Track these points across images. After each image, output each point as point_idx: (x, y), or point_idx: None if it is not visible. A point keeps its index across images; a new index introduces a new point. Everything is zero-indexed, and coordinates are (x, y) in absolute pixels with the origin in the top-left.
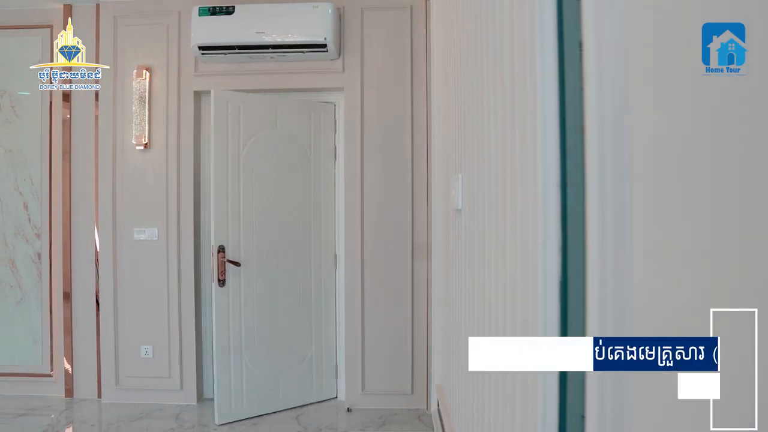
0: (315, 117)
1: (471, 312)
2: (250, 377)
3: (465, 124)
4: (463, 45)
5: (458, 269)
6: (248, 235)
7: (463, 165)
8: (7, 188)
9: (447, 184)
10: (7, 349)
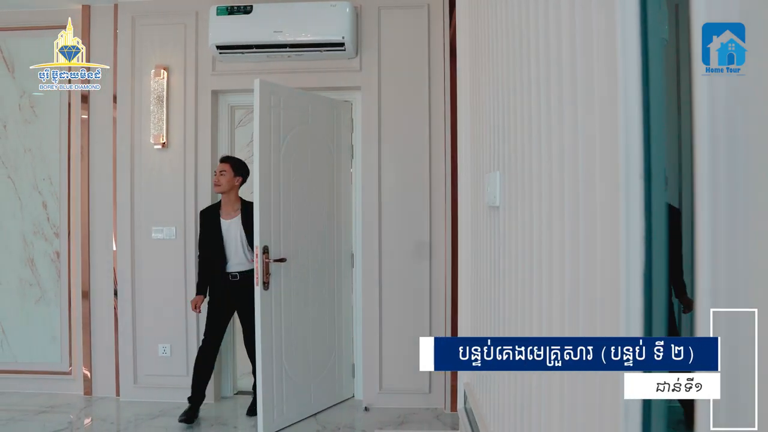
0: (336, 115)
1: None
2: (290, 384)
3: (506, 122)
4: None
5: (493, 265)
6: (287, 234)
7: (501, 162)
8: (27, 187)
9: (477, 182)
10: (27, 347)
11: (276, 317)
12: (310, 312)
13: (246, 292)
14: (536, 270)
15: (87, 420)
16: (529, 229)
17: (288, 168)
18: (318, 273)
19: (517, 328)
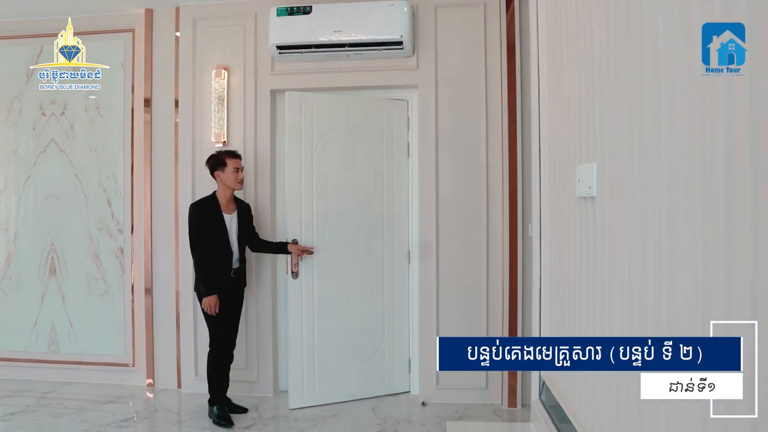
0: (387, 114)
1: (620, 304)
2: (322, 365)
3: (608, 116)
4: (604, 36)
5: (586, 259)
6: (321, 229)
7: (599, 154)
8: (92, 186)
9: (560, 174)
10: (93, 339)
11: (307, 304)
12: (352, 303)
13: (241, 288)
14: (651, 263)
15: (151, 410)
16: (642, 222)
17: (323, 168)
18: (364, 267)
19: (624, 325)
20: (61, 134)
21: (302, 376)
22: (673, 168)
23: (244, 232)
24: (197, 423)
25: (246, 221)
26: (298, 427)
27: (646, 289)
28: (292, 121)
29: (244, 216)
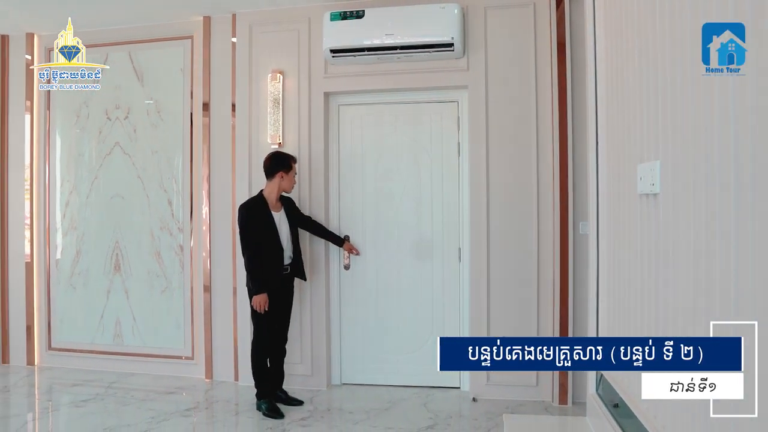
0: (437, 115)
1: (685, 302)
2: (372, 348)
3: (671, 114)
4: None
5: (649, 257)
6: (372, 225)
7: (662, 151)
8: (154, 186)
9: (620, 172)
10: (154, 333)
11: (358, 294)
12: (400, 297)
13: (292, 285)
14: (718, 261)
15: (210, 401)
16: (707, 218)
17: (376, 168)
18: (414, 263)
19: (688, 326)
20: (125, 137)
21: (354, 354)
22: (740, 165)
23: (296, 224)
24: (254, 414)
25: (294, 215)
26: (352, 419)
27: (712, 289)
28: (347, 130)
29: (291, 211)
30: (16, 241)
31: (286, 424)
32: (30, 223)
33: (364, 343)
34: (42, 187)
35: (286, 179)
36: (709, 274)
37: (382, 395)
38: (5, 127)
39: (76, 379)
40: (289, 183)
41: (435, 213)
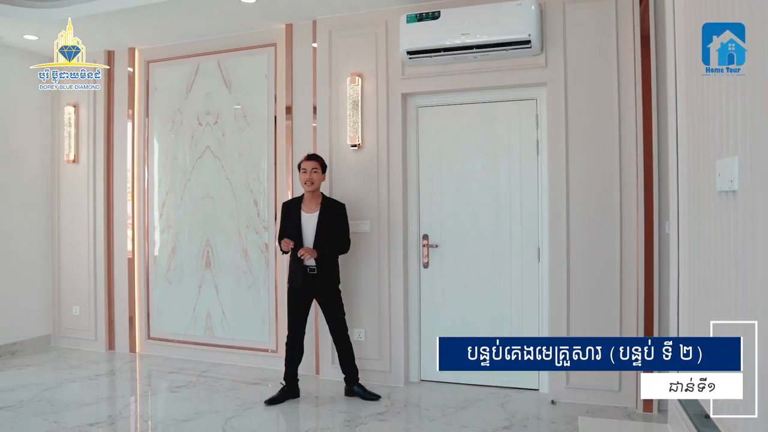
0: (515, 114)
1: (765, 301)
2: None
3: (751, 108)
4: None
5: (728, 253)
6: (450, 224)
7: (740, 147)
8: (241, 187)
9: (699, 169)
10: (241, 326)
11: (436, 291)
12: (479, 295)
13: (326, 287)
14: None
15: None
16: None
17: (452, 168)
18: (491, 262)
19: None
20: (215, 141)
21: (432, 352)
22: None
23: (327, 231)
24: (333, 406)
25: (330, 221)
26: (429, 416)
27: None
28: (425, 131)
29: (328, 216)
30: (119, 239)
31: (363, 418)
32: (131, 222)
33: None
34: (142, 189)
35: (299, 177)
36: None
37: (459, 394)
38: (111, 133)
39: (171, 366)
40: (299, 180)
41: (513, 212)
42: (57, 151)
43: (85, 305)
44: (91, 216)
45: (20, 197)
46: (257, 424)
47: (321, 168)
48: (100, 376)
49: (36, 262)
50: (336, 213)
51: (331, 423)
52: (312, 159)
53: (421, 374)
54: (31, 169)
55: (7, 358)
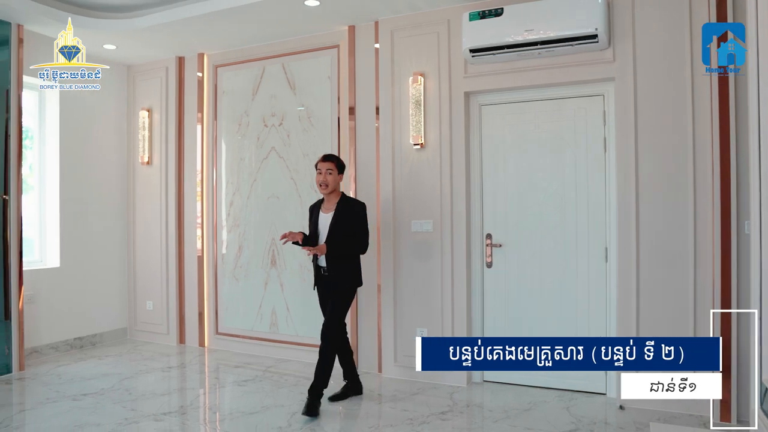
0: (580, 110)
1: None
2: None
3: None
4: None
5: None
6: (514, 224)
7: None
8: (305, 187)
9: None
10: (305, 323)
11: (500, 291)
12: (543, 295)
13: (337, 287)
14: None
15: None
16: None
17: (517, 167)
18: (556, 262)
19: None
20: (280, 142)
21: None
22: None
23: (341, 231)
24: (395, 404)
25: (346, 221)
26: (492, 417)
27: None
28: (488, 129)
29: (344, 216)
30: (190, 238)
31: (426, 417)
32: (200, 221)
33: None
34: (210, 189)
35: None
36: None
37: (523, 395)
38: (182, 136)
39: (238, 361)
40: (316, 182)
41: (580, 211)
42: (132, 153)
43: (158, 301)
44: (163, 216)
45: (100, 198)
46: (321, 420)
47: (337, 168)
48: (172, 369)
49: (114, 259)
50: (353, 213)
51: (393, 420)
52: (327, 160)
53: (484, 375)
54: (109, 171)
55: (89, 348)
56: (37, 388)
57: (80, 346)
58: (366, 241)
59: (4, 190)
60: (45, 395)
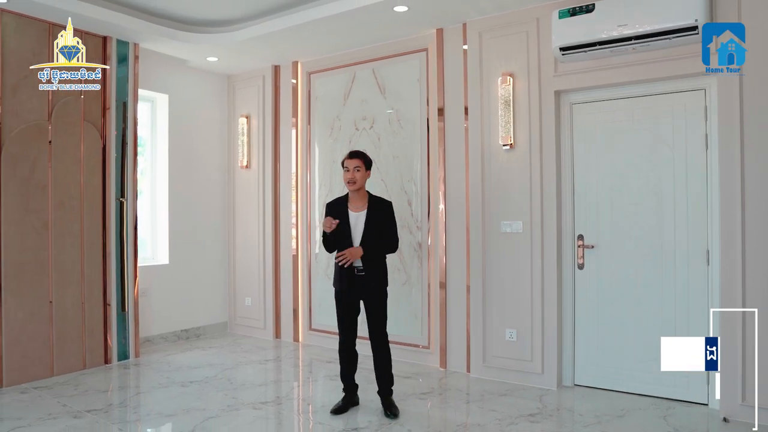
0: (678, 106)
1: None
2: (606, 352)
3: None
4: None
5: None
6: (606, 225)
7: None
8: (396, 188)
9: None
10: (394, 322)
11: (591, 294)
12: (637, 299)
13: (374, 288)
14: None
15: (444, 388)
16: None
17: (611, 167)
18: (652, 265)
19: None
20: (370, 145)
21: (587, 356)
22: None
23: (375, 230)
24: (483, 405)
25: (379, 219)
26: (582, 421)
27: None
28: (579, 128)
29: (376, 214)
30: (285, 238)
31: (514, 418)
32: (295, 221)
33: (599, 346)
34: (304, 191)
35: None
36: None
37: (616, 401)
38: (278, 141)
39: (330, 356)
40: (344, 180)
41: (678, 212)
42: (232, 158)
43: (255, 297)
44: (261, 217)
45: (203, 200)
46: (409, 416)
47: (365, 165)
48: (269, 361)
49: (216, 257)
50: (384, 211)
51: (481, 420)
52: (354, 157)
53: (575, 378)
54: (211, 175)
55: (194, 340)
56: (150, 374)
57: (186, 337)
58: (397, 239)
59: (121, 194)
60: (157, 381)
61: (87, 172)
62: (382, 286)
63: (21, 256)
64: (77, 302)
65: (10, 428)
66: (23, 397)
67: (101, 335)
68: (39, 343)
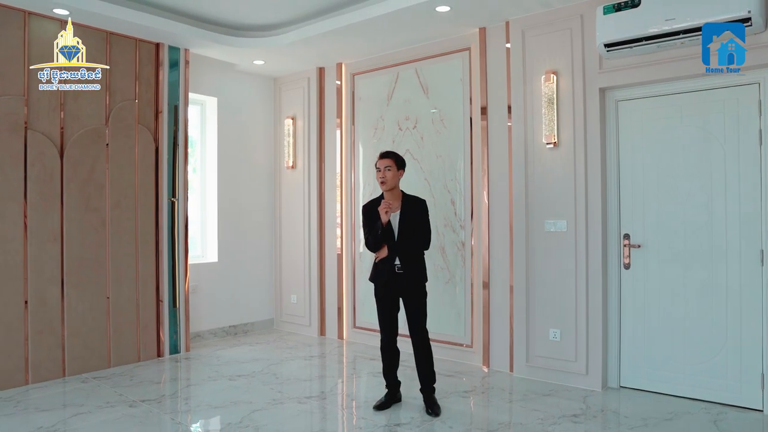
0: (729, 101)
1: None
2: (653, 354)
3: None
4: None
5: None
6: (653, 224)
7: None
8: (439, 188)
9: None
10: (437, 320)
11: (638, 293)
12: (686, 300)
13: (414, 285)
14: None
15: (486, 387)
16: None
17: (658, 165)
18: (701, 265)
19: None
20: (414, 145)
21: (633, 357)
22: None
23: (409, 229)
24: (526, 404)
25: (413, 219)
26: (628, 424)
27: None
28: (625, 125)
29: (410, 213)
30: (330, 237)
31: (557, 418)
32: (340, 221)
33: (646, 347)
34: (349, 191)
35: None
36: None
37: (663, 404)
38: (322, 141)
39: (373, 354)
40: (377, 180)
41: (729, 210)
42: (278, 158)
43: (301, 295)
44: (306, 216)
45: (251, 200)
46: (450, 413)
47: (396, 165)
48: (313, 358)
49: (263, 255)
50: (418, 210)
51: (524, 419)
52: (386, 157)
53: (621, 380)
54: (258, 175)
55: (242, 336)
56: (200, 368)
57: (234, 333)
58: (430, 237)
59: (173, 193)
60: (207, 374)
61: (141, 172)
62: (420, 283)
63: (81, 252)
64: (132, 298)
65: (73, 414)
66: (84, 386)
67: (154, 330)
68: (97, 335)
